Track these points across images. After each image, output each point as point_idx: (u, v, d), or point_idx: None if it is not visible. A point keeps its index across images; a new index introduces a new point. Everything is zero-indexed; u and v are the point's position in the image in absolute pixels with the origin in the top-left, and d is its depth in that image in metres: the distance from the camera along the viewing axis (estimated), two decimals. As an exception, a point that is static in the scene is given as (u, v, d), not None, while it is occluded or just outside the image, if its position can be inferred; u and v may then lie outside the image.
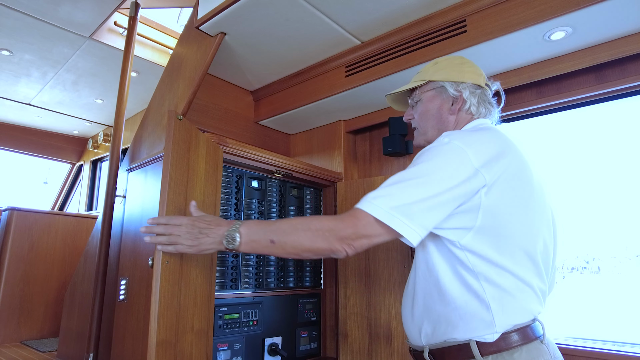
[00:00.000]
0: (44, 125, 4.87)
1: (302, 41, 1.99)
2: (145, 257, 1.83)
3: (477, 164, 0.95)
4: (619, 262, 2.45)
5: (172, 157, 1.26)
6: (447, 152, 0.98)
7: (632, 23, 1.53)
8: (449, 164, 0.96)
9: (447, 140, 1.00)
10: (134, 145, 2.29)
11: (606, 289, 2.97)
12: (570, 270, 3.02)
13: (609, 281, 2.77)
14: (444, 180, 0.94)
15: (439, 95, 1.23)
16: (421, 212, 0.92)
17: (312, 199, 2.21)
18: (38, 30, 3.01)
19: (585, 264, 2.82)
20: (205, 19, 1.81)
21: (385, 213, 0.92)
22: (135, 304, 1.83)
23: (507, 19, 1.61)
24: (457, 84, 1.22)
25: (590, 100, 1.83)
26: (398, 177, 0.98)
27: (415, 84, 1.27)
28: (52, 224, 3.34)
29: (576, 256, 2.83)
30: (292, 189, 2.11)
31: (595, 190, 2.18)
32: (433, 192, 0.93)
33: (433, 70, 1.25)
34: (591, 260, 2.72)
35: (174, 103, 2.02)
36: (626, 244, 2.33)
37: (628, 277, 2.45)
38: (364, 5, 1.74)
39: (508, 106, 1.99)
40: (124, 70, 2.40)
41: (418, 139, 1.28)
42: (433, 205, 0.93)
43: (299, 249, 1.00)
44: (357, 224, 0.95)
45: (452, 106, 1.22)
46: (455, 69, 1.24)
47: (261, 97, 2.48)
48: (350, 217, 0.97)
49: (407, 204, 0.92)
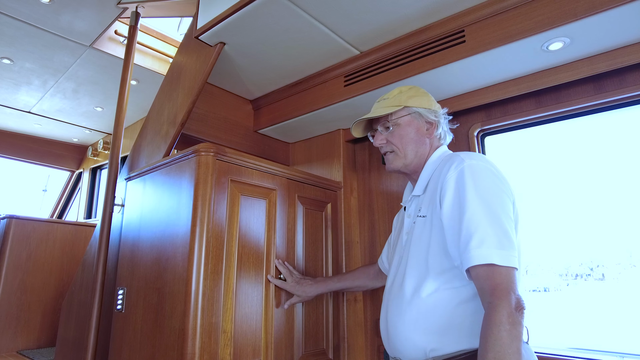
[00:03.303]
0: (44, 132, 4.87)
1: (301, 51, 2.00)
2: (143, 267, 1.82)
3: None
4: (624, 269, 2.43)
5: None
6: (489, 175, 1.03)
7: (630, 34, 1.53)
8: (496, 185, 1.01)
9: (475, 162, 1.05)
10: (132, 154, 2.29)
11: (611, 297, 2.95)
12: (574, 277, 2.99)
13: (614, 289, 2.75)
14: (505, 203, 0.99)
15: (415, 120, 1.32)
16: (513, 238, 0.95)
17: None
18: (39, 39, 3.02)
19: (589, 271, 2.79)
20: (204, 28, 1.82)
21: (499, 256, 0.90)
22: (132, 314, 1.81)
23: (505, 30, 1.61)
24: (432, 111, 1.33)
25: (589, 110, 1.84)
26: (471, 213, 0.96)
27: (391, 109, 1.30)
28: (51, 232, 3.32)
29: (580, 263, 2.81)
30: (291, 198, 2.10)
31: (597, 197, 2.17)
32: (505, 216, 0.97)
33: (406, 97, 1.33)
34: (595, 267, 2.70)
35: (173, 112, 2.03)
36: (630, 251, 2.32)
37: (633, 285, 2.43)
38: (362, 15, 1.75)
39: (507, 116, 1.99)
40: (124, 80, 2.40)
41: (395, 163, 1.30)
42: (511, 226, 0.98)
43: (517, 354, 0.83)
44: (502, 295, 0.86)
45: (426, 131, 1.32)
46: (424, 97, 1.35)
47: (260, 106, 2.49)
48: (496, 297, 0.87)
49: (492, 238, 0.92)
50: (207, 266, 1.57)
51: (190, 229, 1.59)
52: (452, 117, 1.88)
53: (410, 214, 1.26)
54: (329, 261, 2.13)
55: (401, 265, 1.17)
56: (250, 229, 1.77)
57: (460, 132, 2.10)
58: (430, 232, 1.08)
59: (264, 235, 1.81)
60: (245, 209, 1.77)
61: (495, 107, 2.03)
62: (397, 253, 1.27)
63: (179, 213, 1.68)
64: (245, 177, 1.78)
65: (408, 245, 1.17)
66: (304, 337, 1.90)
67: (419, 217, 1.16)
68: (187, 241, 1.58)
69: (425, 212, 1.14)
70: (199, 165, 1.64)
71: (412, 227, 1.20)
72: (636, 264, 2.34)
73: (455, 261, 0.99)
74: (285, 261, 1.85)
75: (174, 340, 1.55)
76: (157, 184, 1.86)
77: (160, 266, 1.70)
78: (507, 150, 2.22)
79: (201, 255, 1.56)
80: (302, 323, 1.90)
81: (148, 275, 1.77)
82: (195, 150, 1.65)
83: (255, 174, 1.83)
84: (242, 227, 1.73)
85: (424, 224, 1.13)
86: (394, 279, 1.19)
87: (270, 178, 1.88)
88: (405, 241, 1.22)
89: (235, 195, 1.73)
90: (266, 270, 1.78)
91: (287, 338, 1.82)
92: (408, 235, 1.21)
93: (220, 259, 1.62)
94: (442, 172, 1.11)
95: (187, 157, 1.70)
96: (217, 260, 1.61)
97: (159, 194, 1.83)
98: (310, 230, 2.06)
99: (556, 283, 8.11)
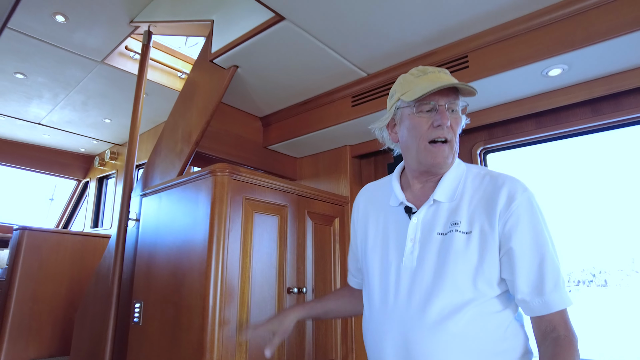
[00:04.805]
0: (52, 143, 4.95)
1: (311, 73, 2.08)
2: (159, 281, 1.89)
3: None
4: (626, 275, 2.46)
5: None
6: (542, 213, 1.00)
7: (625, 61, 1.62)
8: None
9: (532, 193, 1.00)
10: (147, 170, 2.37)
11: (614, 303, 2.99)
12: (576, 283, 3.02)
13: (617, 295, 2.78)
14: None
15: None
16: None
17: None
18: (52, 55, 3.11)
19: (592, 277, 2.83)
20: (219, 53, 1.90)
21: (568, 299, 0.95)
22: (149, 327, 1.89)
23: (507, 56, 1.70)
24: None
25: (587, 130, 1.92)
26: (543, 253, 0.96)
27: (471, 90, 1.02)
28: (61, 243, 3.39)
29: (582, 269, 2.85)
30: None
31: (598, 206, 2.25)
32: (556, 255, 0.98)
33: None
34: (598, 274, 2.74)
35: (188, 131, 2.11)
36: (633, 257, 2.35)
37: (636, 291, 2.47)
38: (369, 41, 1.83)
39: (509, 135, 2.07)
40: (137, 98, 2.48)
41: (449, 159, 1.03)
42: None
43: None
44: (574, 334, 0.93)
45: None
46: None
47: (270, 123, 2.57)
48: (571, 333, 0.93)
49: (562, 278, 0.96)
50: (224, 281, 1.64)
51: (207, 246, 1.66)
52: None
53: (429, 223, 1.03)
54: (337, 275, 2.20)
55: (421, 280, 0.98)
56: (263, 244, 1.85)
57: (463, 150, 2.19)
58: (482, 253, 0.96)
59: (276, 251, 1.89)
60: (258, 226, 1.85)
61: (497, 126, 2.11)
62: (393, 262, 1.05)
63: (195, 230, 1.75)
64: (258, 195, 1.86)
65: (440, 260, 0.98)
66: (314, 348, 1.98)
67: (458, 232, 0.98)
68: (205, 257, 1.66)
69: (469, 228, 0.98)
70: (215, 185, 1.72)
71: (440, 239, 1.00)
72: (639, 269, 2.37)
73: (520, 293, 0.95)
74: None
75: (191, 352, 1.62)
76: (173, 200, 1.94)
77: (177, 281, 1.78)
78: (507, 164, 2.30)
79: (218, 270, 1.64)
80: (312, 334, 1.98)
81: (165, 289, 1.84)
82: (211, 170, 1.73)
83: (268, 192, 1.90)
84: (256, 243, 1.81)
85: (469, 241, 0.97)
86: (408, 295, 0.99)
87: (281, 195, 1.96)
88: (425, 252, 1.01)
89: (249, 213, 1.81)
90: (278, 284, 1.86)
91: (298, 349, 1.89)
92: (430, 246, 1.01)
93: (235, 275, 1.70)
94: (502, 192, 0.98)
95: (203, 177, 1.77)
96: (232, 275, 1.68)
97: (175, 210, 1.91)
98: (319, 244, 2.13)
99: None
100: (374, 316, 1.09)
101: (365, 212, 1.22)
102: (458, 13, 1.65)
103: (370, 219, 1.19)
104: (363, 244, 1.19)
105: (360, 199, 1.28)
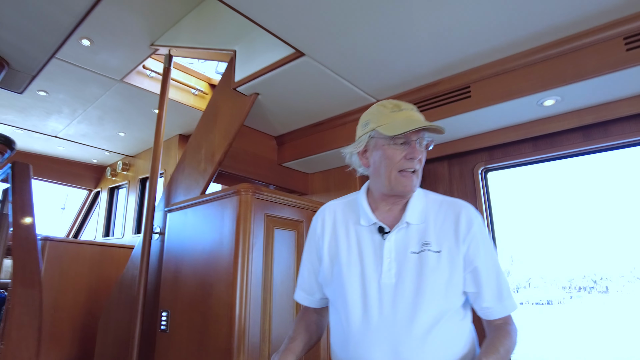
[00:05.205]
0: (65, 154, 5.12)
1: (324, 98, 2.26)
2: (186, 291, 2.05)
3: None
4: (628, 281, 2.62)
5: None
6: None
7: (610, 94, 1.80)
8: None
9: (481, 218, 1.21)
10: (170, 187, 2.53)
11: (615, 310, 3.12)
12: (577, 290, 3.17)
13: (618, 301, 2.91)
14: None
15: None
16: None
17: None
18: (75, 75, 3.28)
19: (592, 284, 2.97)
20: (242, 82, 2.08)
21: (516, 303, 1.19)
22: (177, 334, 2.04)
23: (506, 88, 1.88)
24: None
25: (579, 153, 2.09)
26: (497, 268, 1.17)
27: (439, 129, 1.12)
28: (80, 253, 3.54)
29: (583, 275, 3.00)
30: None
31: (599, 213, 2.42)
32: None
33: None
34: (599, 280, 2.89)
35: (211, 151, 2.28)
36: (634, 263, 2.52)
37: (637, 298, 2.61)
38: (379, 72, 2.01)
39: (508, 156, 2.25)
40: (159, 119, 2.65)
41: (417, 186, 1.18)
42: None
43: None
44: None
45: None
46: None
47: (284, 142, 2.74)
48: (513, 324, 1.16)
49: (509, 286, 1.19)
50: (249, 292, 1.80)
51: (233, 260, 1.83)
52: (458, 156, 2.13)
53: (402, 242, 1.14)
54: (348, 284, 2.36)
55: (403, 295, 1.08)
56: (282, 258, 2.01)
57: (466, 169, 2.36)
58: (451, 269, 1.10)
59: (294, 264, 2.05)
60: (278, 240, 2.01)
61: (497, 148, 2.28)
62: (373, 279, 1.12)
63: (221, 244, 1.92)
64: (277, 212, 2.02)
65: (418, 276, 1.09)
66: (328, 351, 2.13)
67: (430, 251, 1.11)
68: (231, 270, 1.82)
69: (439, 248, 1.11)
70: (240, 203, 1.89)
71: (415, 258, 1.11)
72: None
73: (486, 302, 1.14)
74: None
75: (219, 358, 1.78)
76: (199, 216, 2.10)
77: (205, 291, 1.94)
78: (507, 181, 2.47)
79: (243, 282, 1.80)
80: (327, 338, 2.13)
81: (192, 299, 2.00)
82: (236, 190, 1.90)
83: (286, 208, 2.07)
84: (276, 257, 1.97)
85: (439, 259, 1.10)
86: (392, 309, 1.08)
87: (297, 211, 2.12)
88: (402, 269, 1.11)
89: (270, 229, 1.98)
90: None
91: (314, 354, 2.04)
92: (406, 264, 1.11)
93: (258, 286, 1.86)
94: (462, 217, 1.13)
95: (229, 195, 1.94)
96: (256, 286, 1.84)
97: (202, 225, 2.07)
98: (332, 257, 2.30)
99: (559, 296, 8.01)
100: (355, 331, 1.11)
101: (333, 230, 1.25)
102: (461, 48, 1.83)
103: (340, 237, 1.22)
104: (333, 261, 1.21)
105: (326, 217, 1.28)
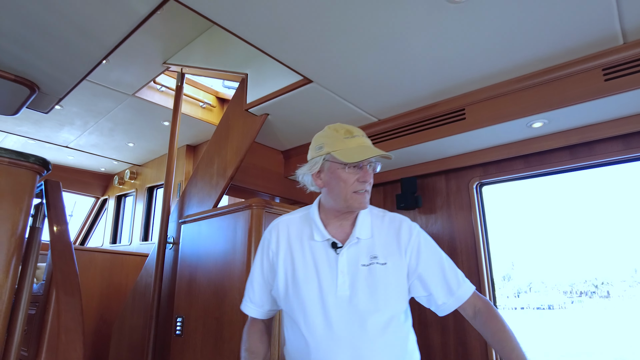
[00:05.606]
0: (74, 163, 5.27)
1: (329, 117, 2.42)
2: (201, 298, 2.20)
3: None
4: (629, 286, 2.73)
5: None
6: None
7: (593, 117, 1.97)
8: None
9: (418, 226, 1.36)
10: (182, 199, 2.68)
11: (617, 314, 3.21)
12: (578, 294, 3.29)
13: (620, 306, 3.01)
14: None
15: None
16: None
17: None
18: (90, 90, 3.44)
19: (594, 288, 3.09)
20: (254, 104, 2.24)
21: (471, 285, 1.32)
22: (191, 338, 2.18)
23: (498, 111, 2.04)
24: None
25: (567, 169, 2.25)
26: (442, 266, 1.29)
27: (387, 156, 1.24)
28: (92, 260, 3.68)
29: (584, 280, 3.13)
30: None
31: (599, 218, 2.56)
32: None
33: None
34: (600, 285, 3.00)
35: (223, 166, 2.43)
36: (635, 268, 2.65)
37: (639, 303, 2.72)
38: (381, 95, 2.17)
39: (501, 172, 2.41)
40: (172, 135, 2.80)
41: (368, 203, 1.27)
42: None
43: None
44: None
45: None
46: None
47: (291, 156, 2.90)
48: (487, 304, 1.31)
49: (460, 273, 1.32)
50: (260, 300, 1.95)
51: (245, 269, 1.97)
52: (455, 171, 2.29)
53: (353, 256, 1.24)
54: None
55: (357, 304, 1.19)
56: (291, 267, 2.16)
57: (461, 184, 2.52)
58: (396, 279, 1.23)
59: (302, 273, 2.20)
60: (286, 251, 2.16)
61: (491, 164, 2.44)
62: (330, 291, 1.21)
63: (234, 254, 2.06)
64: (286, 225, 2.18)
65: (369, 287, 1.20)
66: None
67: (378, 264, 1.22)
68: (244, 278, 1.96)
69: (385, 260, 1.23)
70: (252, 217, 2.04)
71: (365, 270, 1.21)
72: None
73: (440, 300, 1.26)
74: None
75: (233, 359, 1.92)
76: (213, 228, 2.25)
77: (219, 298, 2.08)
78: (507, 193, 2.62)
79: (255, 291, 1.95)
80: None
81: (207, 306, 2.14)
82: (249, 204, 2.05)
83: (294, 221, 2.22)
84: (285, 266, 2.12)
85: (386, 270, 1.22)
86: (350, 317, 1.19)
87: (305, 224, 2.28)
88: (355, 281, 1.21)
89: (279, 240, 2.13)
90: (303, 302, 2.16)
91: None
92: (358, 276, 1.21)
93: (269, 294, 2.00)
94: (402, 231, 1.26)
95: (241, 209, 2.09)
96: (267, 295, 1.99)
97: (216, 237, 2.22)
98: (336, 266, 2.45)
99: (560, 301, 8.07)
100: (318, 340, 1.20)
101: (288, 245, 1.31)
102: (457, 75, 1.99)
103: (295, 253, 1.28)
104: (290, 276, 1.27)
105: (280, 232, 1.34)
